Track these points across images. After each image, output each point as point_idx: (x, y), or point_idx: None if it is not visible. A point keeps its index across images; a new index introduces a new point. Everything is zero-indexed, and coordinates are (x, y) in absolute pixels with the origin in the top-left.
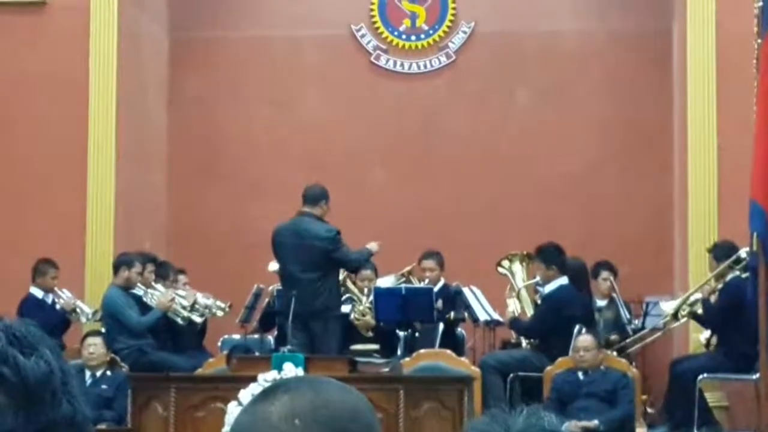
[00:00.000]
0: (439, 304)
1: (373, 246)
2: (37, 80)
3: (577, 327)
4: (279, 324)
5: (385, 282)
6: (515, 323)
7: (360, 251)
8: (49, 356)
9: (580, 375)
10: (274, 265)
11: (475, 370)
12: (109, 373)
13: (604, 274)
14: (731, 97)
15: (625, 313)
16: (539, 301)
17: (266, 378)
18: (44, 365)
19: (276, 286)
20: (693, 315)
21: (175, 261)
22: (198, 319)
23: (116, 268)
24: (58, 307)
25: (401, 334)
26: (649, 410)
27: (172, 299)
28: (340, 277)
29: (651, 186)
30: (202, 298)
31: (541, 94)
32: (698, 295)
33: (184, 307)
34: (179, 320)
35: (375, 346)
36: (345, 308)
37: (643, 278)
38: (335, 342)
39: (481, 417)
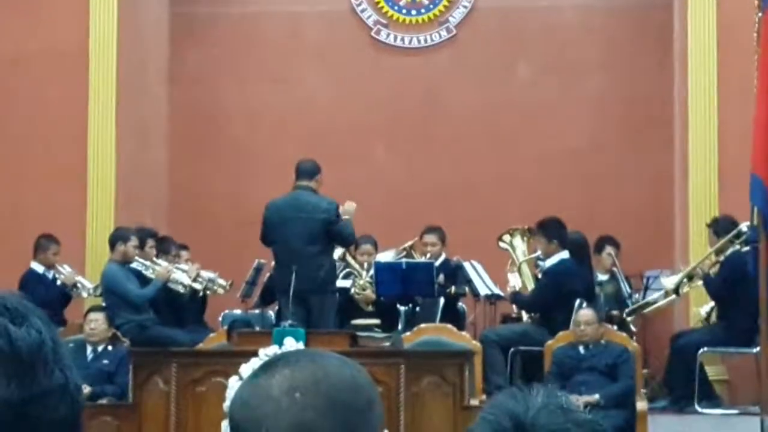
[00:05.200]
0: (441, 278)
1: (348, 208)
2: (37, 57)
3: (577, 301)
4: (278, 299)
5: (386, 257)
6: (516, 297)
7: (347, 224)
8: (40, 326)
9: (581, 349)
10: None
11: (476, 345)
12: (110, 348)
13: (608, 248)
14: (732, 71)
15: (625, 288)
16: (540, 276)
17: (267, 353)
18: (36, 334)
19: None
20: (703, 278)
21: (176, 237)
22: (198, 286)
23: (112, 244)
24: (58, 282)
25: (402, 308)
26: (647, 375)
27: (173, 270)
28: (340, 251)
29: (652, 161)
30: (204, 272)
31: (542, 68)
32: (699, 270)
33: (186, 279)
34: (180, 288)
35: (376, 321)
36: (345, 283)
37: (644, 253)
38: (332, 317)
39: (501, 394)
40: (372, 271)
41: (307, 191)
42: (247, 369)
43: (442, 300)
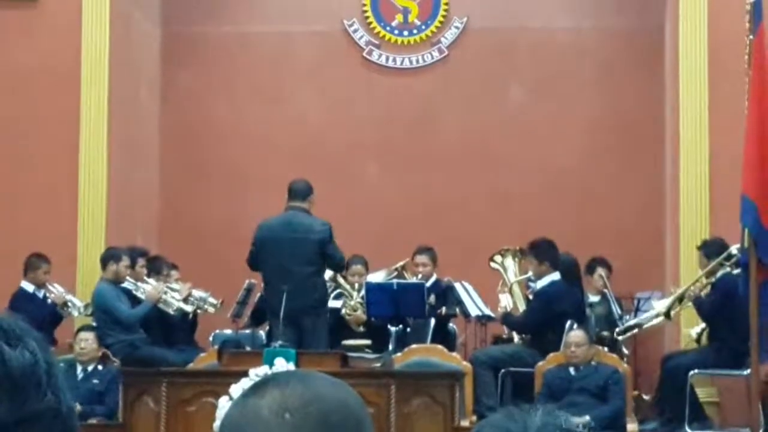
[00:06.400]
0: (432, 299)
1: None
2: (29, 75)
3: (568, 322)
4: (269, 319)
5: (376, 277)
6: (507, 318)
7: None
8: (35, 348)
9: (572, 370)
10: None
11: (467, 366)
12: (100, 367)
13: (599, 269)
14: (723, 94)
15: (616, 309)
16: (531, 297)
17: (257, 373)
18: (29, 356)
19: None
20: (694, 303)
21: (166, 256)
22: (188, 308)
23: (104, 263)
24: (49, 301)
25: (393, 329)
26: (645, 397)
27: (164, 291)
28: (331, 272)
29: (642, 182)
30: (196, 292)
31: (534, 90)
32: (690, 293)
33: (177, 300)
34: (171, 311)
35: (366, 341)
36: (336, 303)
37: (634, 274)
38: (325, 338)
39: (498, 414)
40: (363, 292)
41: (301, 212)
42: (237, 389)
43: (432, 321)
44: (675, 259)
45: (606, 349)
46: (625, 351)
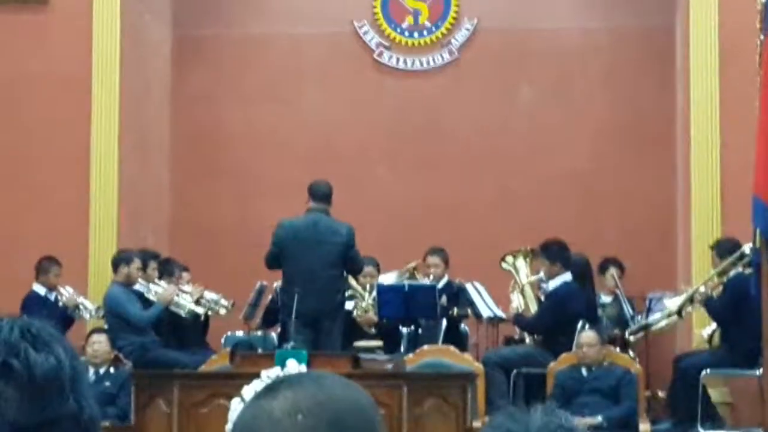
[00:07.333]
0: (443, 300)
1: None
2: (41, 78)
3: (580, 323)
4: (282, 321)
5: (388, 278)
6: (519, 319)
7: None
8: (60, 354)
9: (584, 371)
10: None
11: (479, 367)
12: (112, 370)
13: (611, 269)
14: (734, 93)
15: (628, 309)
16: (543, 297)
17: (269, 375)
18: (53, 361)
19: (280, 283)
20: (705, 303)
21: (177, 258)
22: (200, 310)
23: (115, 266)
24: (60, 304)
25: (404, 330)
26: (660, 394)
27: (176, 293)
28: None
29: (654, 182)
30: (208, 294)
31: (544, 90)
32: (702, 292)
33: (188, 302)
34: (182, 313)
35: (378, 343)
36: (348, 305)
37: (646, 274)
38: (339, 340)
39: (499, 415)
40: (374, 293)
41: (324, 214)
42: (249, 391)
43: (444, 322)
44: (687, 258)
45: (618, 349)
46: (631, 354)
